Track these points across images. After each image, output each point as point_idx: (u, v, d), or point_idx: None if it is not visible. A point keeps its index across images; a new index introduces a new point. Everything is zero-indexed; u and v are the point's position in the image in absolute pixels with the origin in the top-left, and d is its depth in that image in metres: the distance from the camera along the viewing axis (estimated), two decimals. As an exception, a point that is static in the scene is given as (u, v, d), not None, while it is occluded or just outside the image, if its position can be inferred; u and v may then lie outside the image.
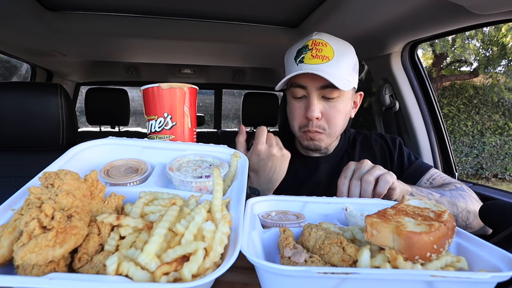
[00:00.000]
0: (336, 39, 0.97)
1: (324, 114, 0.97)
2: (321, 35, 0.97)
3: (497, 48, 6.24)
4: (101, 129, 2.91)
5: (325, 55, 0.92)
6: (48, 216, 0.39)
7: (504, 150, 6.89)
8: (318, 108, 0.95)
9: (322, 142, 1.01)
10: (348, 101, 0.99)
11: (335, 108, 0.96)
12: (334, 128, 0.99)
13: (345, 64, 0.93)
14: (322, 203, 0.71)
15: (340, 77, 0.91)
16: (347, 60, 0.93)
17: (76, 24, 1.56)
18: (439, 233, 0.41)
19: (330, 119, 0.97)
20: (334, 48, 0.93)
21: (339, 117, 0.98)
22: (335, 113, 0.96)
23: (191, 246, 0.39)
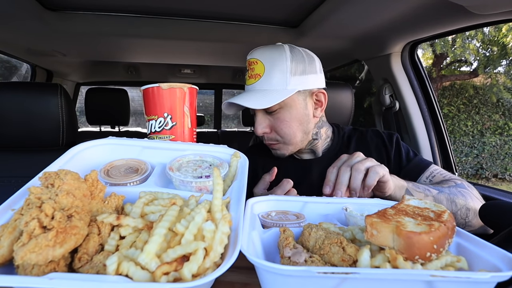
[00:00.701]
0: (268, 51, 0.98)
1: (272, 127, 1.00)
2: (254, 53, 1.00)
3: (497, 48, 6.24)
4: (101, 129, 2.91)
5: (256, 73, 0.97)
6: (48, 216, 0.39)
7: (504, 150, 6.89)
8: (261, 124, 1.00)
9: (283, 150, 1.04)
10: (296, 107, 0.98)
11: (279, 119, 0.98)
12: (287, 137, 1.00)
13: (276, 75, 0.94)
14: (322, 203, 0.71)
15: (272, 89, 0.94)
16: (279, 69, 0.94)
17: (76, 24, 1.56)
18: (439, 233, 0.41)
19: (277, 130, 1.00)
20: (264, 62, 0.96)
21: (287, 127, 0.99)
22: (281, 124, 0.98)
23: (191, 246, 0.39)
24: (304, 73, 0.97)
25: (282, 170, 1.09)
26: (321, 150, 1.11)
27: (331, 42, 1.74)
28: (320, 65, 1.04)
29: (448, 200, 0.86)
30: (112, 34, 1.71)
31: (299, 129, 1.01)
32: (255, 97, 0.95)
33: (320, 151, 1.11)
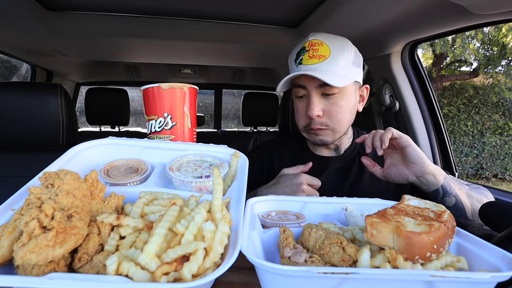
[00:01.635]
0: (333, 37, 0.99)
1: (326, 111, 0.99)
2: (317, 35, 1.00)
3: (497, 48, 6.23)
4: (101, 129, 2.91)
5: (321, 54, 0.95)
6: (48, 216, 0.39)
7: (504, 150, 6.89)
8: (317, 106, 0.97)
9: (328, 137, 1.03)
10: (350, 96, 0.99)
11: (336, 104, 0.97)
12: (338, 123, 1.00)
13: (342, 60, 0.95)
14: (322, 203, 0.71)
15: (337, 73, 0.94)
16: (345, 55, 0.96)
17: (76, 24, 1.56)
18: (439, 233, 0.41)
19: (332, 115, 0.98)
20: (331, 46, 0.96)
21: (341, 113, 0.99)
22: (337, 109, 0.98)
23: (191, 246, 0.39)
24: (359, 67, 1.01)
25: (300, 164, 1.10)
26: (344, 147, 1.12)
27: (331, 42, 1.74)
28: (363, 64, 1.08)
29: (476, 199, 0.86)
30: (112, 34, 1.71)
31: (348, 119, 1.02)
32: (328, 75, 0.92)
33: (342, 149, 1.12)
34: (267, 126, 3.07)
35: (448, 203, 0.85)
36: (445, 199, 0.85)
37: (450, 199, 0.85)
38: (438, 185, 0.85)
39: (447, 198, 0.85)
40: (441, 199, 0.85)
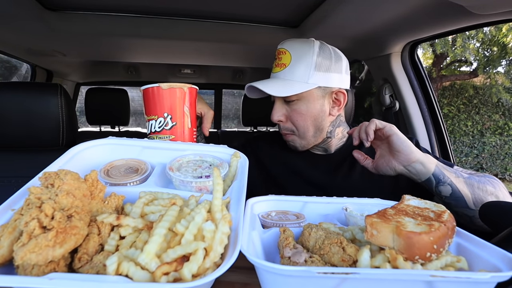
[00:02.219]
0: (298, 43, 1.00)
1: (288, 117, 1.03)
2: (284, 43, 1.02)
3: (497, 48, 6.23)
4: (101, 129, 2.91)
5: (283, 62, 1.00)
6: (48, 216, 0.39)
7: (504, 150, 6.89)
8: (277, 112, 1.03)
9: (296, 143, 1.06)
10: (314, 102, 1.00)
11: (296, 110, 1.00)
12: (301, 129, 1.02)
13: (301, 68, 0.97)
14: (322, 203, 0.72)
15: (295, 80, 0.97)
16: (305, 63, 0.97)
17: (76, 24, 1.56)
18: (439, 233, 0.41)
19: (293, 121, 1.02)
20: (292, 53, 0.98)
21: (302, 119, 1.01)
22: (297, 115, 1.00)
23: (191, 246, 0.39)
24: (328, 71, 0.99)
25: (290, 160, 1.11)
26: (334, 148, 1.12)
27: (331, 42, 1.72)
28: (347, 66, 1.05)
29: (478, 187, 0.84)
30: (112, 34, 1.71)
31: (313, 124, 1.02)
32: (277, 84, 0.97)
33: (332, 149, 1.12)
34: (267, 126, 3.07)
35: (444, 192, 0.83)
36: (440, 189, 0.84)
37: (445, 188, 0.83)
38: (429, 174, 0.83)
39: (442, 187, 0.83)
40: (436, 188, 0.84)
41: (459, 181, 0.84)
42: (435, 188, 0.84)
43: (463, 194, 0.82)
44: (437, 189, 0.84)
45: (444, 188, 0.83)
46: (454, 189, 0.83)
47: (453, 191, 0.83)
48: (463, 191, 0.83)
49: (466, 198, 0.82)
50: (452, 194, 0.83)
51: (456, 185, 0.83)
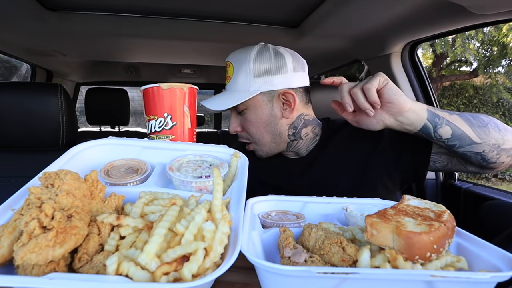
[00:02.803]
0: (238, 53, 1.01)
1: (243, 127, 1.05)
2: (229, 55, 1.03)
3: (497, 48, 6.23)
4: (101, 129, 2.91)
5: (228, 75, 1.02)
6: (48, 216, 0.39)
7: (504, 150, 6.87)
8: (233, 123, 1.05)
9: (259, 151, 1.07)
10: (261, 108, 0.99)
11: (247, 119, 1.02)
12: (255, 137, 1.03)
13: (241, 77, 0.98)
14: (322, 203, 0.72)
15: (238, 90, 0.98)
16: (243, 72, 0.97)
17: (76, 24, 1.56)
18: (439, 233, 0.41)
19: (246, 130, 1.04)
20: (234, 64, 0.99)
21: (253, 127, 1.02)
22: (248, 124, 1.02)
23: (191, 246, 0.39)
24: (269, 74, 0.97)
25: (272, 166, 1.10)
26: (305, 150, 1.07)
27: (331, 42, 1.74)
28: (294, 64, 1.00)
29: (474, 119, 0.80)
30: (112, 34, 1.71)
31: (266, 130, 1.01)
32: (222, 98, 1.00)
33: (303, 152, 1.08)
34: None
35: (445, 135, 0.79)
36: (440, 133, 0.79)
37: (445, 130, 0.78)
38: (423, 120, 0.79)
39: (441, 130, 0.79)
40: (435, 133, 0.79)
41: (455, 118, 0.80)
42: (434, 133, 0.80)
43: (464, 130, 0.78)
44: (437, 134, 0.79)
45: (444, 130, 0.79)
46: (453, 128, 0.78)
47: (453, 131, 0.78)
48: (462, 127, 0.78)
49: (468, 133, 0.78)
50: (453, 134, 0.78)
51: (454, 123, 0.79)
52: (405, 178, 0.99)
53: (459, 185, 1.64)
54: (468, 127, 0.78)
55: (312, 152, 1.07)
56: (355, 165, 1.00)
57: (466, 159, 0.84)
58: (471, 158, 0.81)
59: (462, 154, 0.82)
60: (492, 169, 0.85)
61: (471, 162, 0.84)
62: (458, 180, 1.71)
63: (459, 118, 0.80)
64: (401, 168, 0.96)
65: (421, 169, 0.94)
